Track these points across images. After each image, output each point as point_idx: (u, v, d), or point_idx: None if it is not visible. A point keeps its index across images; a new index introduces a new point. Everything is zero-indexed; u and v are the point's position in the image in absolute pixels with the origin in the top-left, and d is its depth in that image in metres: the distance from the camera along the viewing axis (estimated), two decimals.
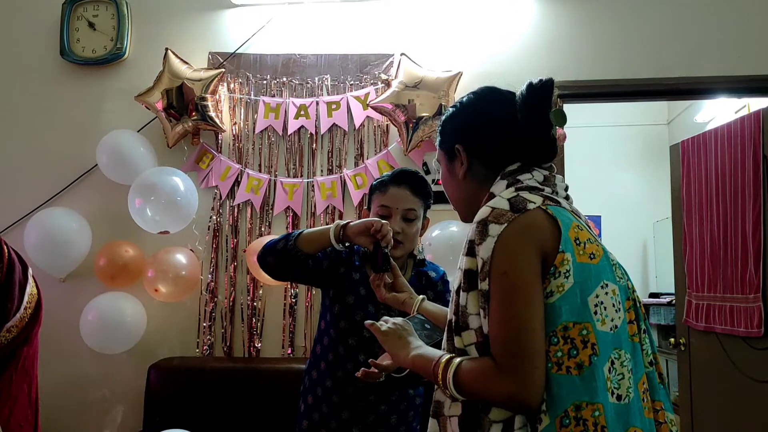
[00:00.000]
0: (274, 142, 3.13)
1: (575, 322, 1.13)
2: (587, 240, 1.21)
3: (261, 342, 3.04)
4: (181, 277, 2.91)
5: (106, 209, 3.11)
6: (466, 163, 1.35)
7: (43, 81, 3.25)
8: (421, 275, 2.09)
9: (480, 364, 1.14)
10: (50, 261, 2.93)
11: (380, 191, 2.01)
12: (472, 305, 1.17)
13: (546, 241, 1.16)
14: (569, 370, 1.11)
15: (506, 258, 1.14)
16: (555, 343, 1.12)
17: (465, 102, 1.41)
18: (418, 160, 3.03)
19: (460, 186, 1.38)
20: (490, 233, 1.16)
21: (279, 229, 3.08)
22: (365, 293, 2.00)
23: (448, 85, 2.92)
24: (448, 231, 2.79)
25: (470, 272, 1.18)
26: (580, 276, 1.16)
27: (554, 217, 1.19)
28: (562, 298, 1.14)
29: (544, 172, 1.30)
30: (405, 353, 1.35)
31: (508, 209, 1.18)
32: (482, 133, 1.34)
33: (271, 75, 3.16)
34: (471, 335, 1.18)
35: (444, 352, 1.24)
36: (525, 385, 1.09)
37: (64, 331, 3.02)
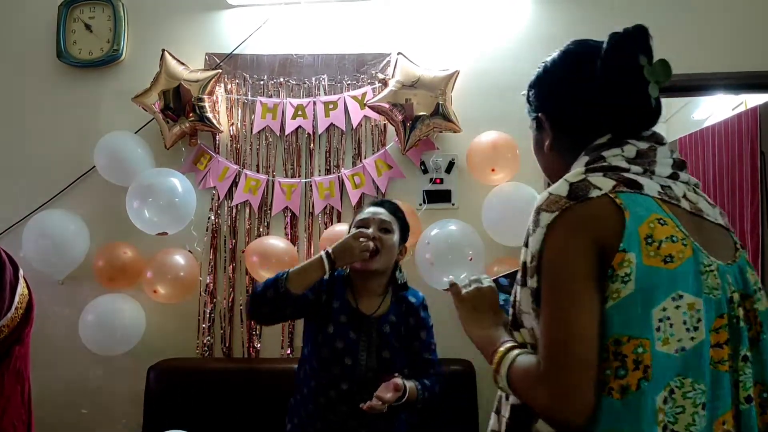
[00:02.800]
0: (272, 142, 3.13)
1: (630, 337, 0.95)
2: (668, 237, 1.00)
3: (260, 343, 3.04)
4: (180, 278, 2.91)
5: (104, 211, 3.11)
6: (551, 135, 1.19)
7: (40, 83, 3.25)
8: (401, 300, 2.13)
9: (528, 364, 1.02)
10: (49, 263, 2.92)
11: (358, 214, 2.15)
12: (524, 302, 1.06)
13: (605, 236, 0.98)
14: (611, 391, 0.95)
15: (554, 253, 0.99)
16: (604, 359, 0.96)
17: (549, 63, 1.21)
18: (415, 159, 3.03)
19: (548, 158, 1.22)
20: (540, 223, 1.01)
21: (277, 229, 3.08)
22: (346, 320, 2.03)
23: (445, 84, 2.92)
24: (447, 230, 2.78)
25: (524, 265, 1.06)
26: (644, 282, 0.96)
27: (622, 207, 0.99)
28: (615, 306, 0.96)
29: (640, 145, 1.09)
30: (473, 328, 1.22)
31: (564, 195, 1.02)
32: (563, 100, 1.16)
33: (268, 75, 3.16)
34: (526, 335, 1.07)
35: (507, 339, 1.12)
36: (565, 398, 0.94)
37: (63, 333, 3.02)
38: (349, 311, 2.04)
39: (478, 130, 2.92)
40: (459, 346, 2.90)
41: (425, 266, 2.78)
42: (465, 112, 2.97)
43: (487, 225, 2.84)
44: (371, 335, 2.02)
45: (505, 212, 2.79)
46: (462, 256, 2.73)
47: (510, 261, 2.82)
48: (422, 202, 3.01)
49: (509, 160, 2.84)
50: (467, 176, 2.99)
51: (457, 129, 2.92)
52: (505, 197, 2.82)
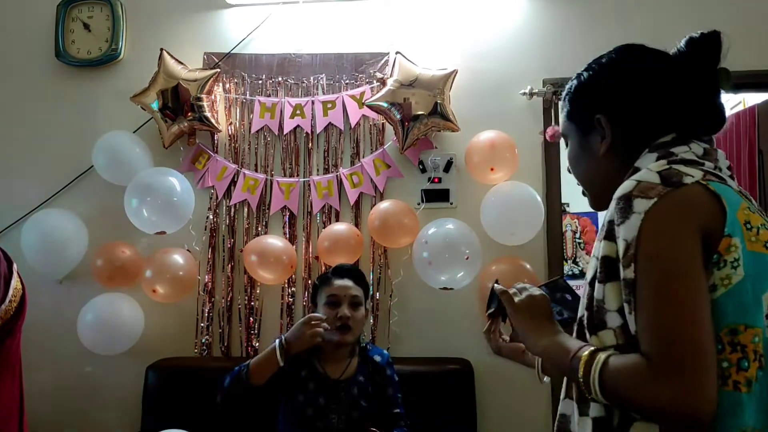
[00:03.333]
0: (270, 141, 3.13)
1: (747, 325, 0.93)
2: (761, 225, 1.00)
3: (259, 342, 3.04)
4: (179, 277, 2.91)
5: (102, 210, 3.11)
6: (610, 137, 1.14)
7: (38, 83, 3.25)
8: (367, 361, 2.27)
9: (632, 362, 0.94)
10: (47, 262, 2.92)
11: (326, 285, 2.25)
12: (611, 299, 0.99)
13: (708, 221, 0.95)
14: (737, 385, 0.91)
15: (658, 238, 0.94)
16: (719, 350, 0.92)
17: (605, 62, 1.18)
18: (414, 158, 3.03)
19: (597, 164, 1.16)
20: (635, 209, 0.96)
21: (276, 228, 3.08)
22: (314, 387, 2.17)
23: (444, 83, 2.92)
24: (444, 229, 2.78)
25: (608, 259, 0.99)
26: (752, 267, 0.95)
27: (717, 194, 0.97)
28: (728, 293, 0.93)
29: (704, 145, 1.08)
30: (536, 338, 1.15)
31: (658, 182, 0.98)
32: (631, 99, 1.12)
33: (266, 75, 3.16)
34: (610, 335, 0.99)
35: (584, 344, 1.04)
36: (693, 391, 0.87)
37: (61, 333, 3.02)
38: (316, 378, 2.17)
39: (477, 129, 2.92)
40: (457, 345, 2.91)
41: (422, 265, 2.78)
42: (463, 111, 2.97)
43: (486, 224, 2.84)
44: (340, 399, 2.15)
45: (504, 211, 2.79)
46: (459, 255, 2.73)
47: (508, 260, 2.82)
48: (420, 202, 3.01)
49: (507, 160, 2.85)
50: (465, 175, 2.99)
51: (456, 128, 2.92)
52: (504, 196, 2.82)
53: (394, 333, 2.97)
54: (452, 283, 2.76)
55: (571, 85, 1.24)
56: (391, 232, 2.86)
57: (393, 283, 2.99)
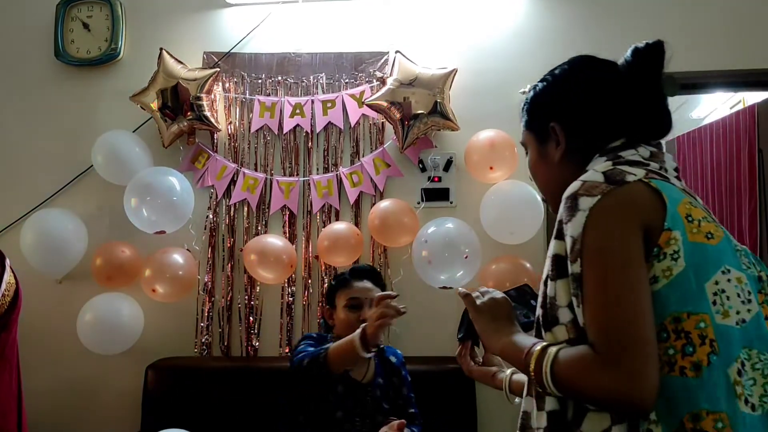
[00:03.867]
0: (270, 141, 3.13)
1: (690, 313, 0.97)
2: (702, 218, 1.04)
3: (259, 341, 3.04)
4: (178, 277, 2.91)
5: (102, 210, 3.11)
6: (564, 143, 1.19)
7: (37, 82, 3.25)
8: (384, 363, 2.26)
9: (579, 354, 0.98)
10: (47, 262, 2.92)
11: (345, 287, 2.21)
12: (562, 296, 1.03)
13: (648, 216, 1.00)
14: (683, 371, 0.95)
15: (601, 233, 0.99)
16: (664, 338, 0.97)
17: (558, 74, 1.25)
18: (413, 157, 3.03)
19: (554, 170, 1.22)
20: (580, 207, 1.01)
21: (276, 228, 3.08)
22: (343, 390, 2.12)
23: (443, 82, 2.92)
24: (444, 228, 2.78)
25: (558, 257, 1.04)
26: (693, 258, 0.99)
27: (659, 190, 1.03)
28: (669, 284, 0.98)
29: (651, 149, 1.14)
30: (496, 338, 1.20)
31: (602, 181, 1.03)
32: (582, 107, 1.18)
33: (266, 74, 3.16)
34: (562, 331, 1.03)
35: (537, 340, 1.09)
36: (634, 379, 0.92)
37: (61, 333, 3.02)
38: (345, 380, 2.13)
39: (476, 128, 2.92)
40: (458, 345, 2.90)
41: (422, 264, 2.78)
42: (463, 110, 2.97)
43: (485, 223, 2.84)
44: (366, 402, 2.13)
45: (503, 210, 2.79)
46: (459, 255, 2.73)
47: (507, 259, 2.82)
48: (420, 201, 3.01)
49: (507, 159, 2.84)
50: (465, 175, 2.99)
51: (455, 127, 2.92)
52: (503, 195, 2.82)
53: (394, 332, 2.97)
54: (452, 282, 2.76)
55: (527, 96, 1.30)
56: (390, 231, 2.86)
57: (393, 283, 2.99)
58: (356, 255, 2.94)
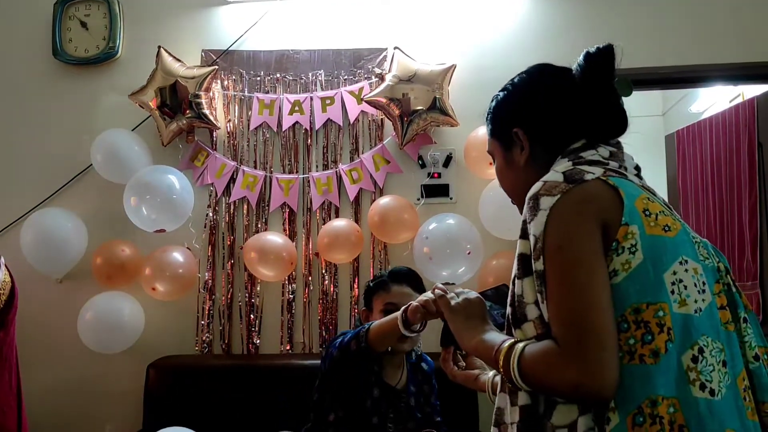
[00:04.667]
0: (269, 138, 3.12)
1: (649, 303, 1.00)
2: (660, 212, 1.09)
3: (259, 339, 3.04)
4: (179, 275, 2.91)
5: (101, 209, 3.10)
6: (528, 148, 1.23)
7: (36, 81, 3.24)
8: (417, 370, 2.19)
9: (543, 348, 1.02)
10: (47, 262, 2.92)
11: (383, 290, 2.11)
12: (528, 293, 1.07)
13: (606, 213, 1.05)
14: (643, 358, 0.99)
15: (561, 231, 1.03)
16: (625, 329, 1.00)
17: (517, 82, 1.29)
18: (413, 153, 3.03)
19: (520, 174, 1.26)
20: (541, 206, 1.05)
21: (276, 225, 3.08)
22: (378, 395, 2.04)
23: (442, 78, 2.91)
24: (445, 224, 2.78)
25: (523, 256, 1.08)
26: (651, 250, 1.03)
27: (616, 187, 1.07)
28: (629, 277, 1.01)
29: (610, 149, 1.18)
30: (469, 336, 1.23)
31: (562, 180, 1.07)
32: (543, 112, 1.23)
33: (264, 71, 3.15)
34: (530, 327, 1.07)
35: (507, 338, 1.13)
36: (594, 371, 0.96)
37: (62, 332, 3.01)
38: (380, 384, 2.07)
39: (476, 124, 2.91)
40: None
41: (423, 261, 2.78)
42: (462, 106, 2.96)
43: (485, 219, 2.84)
44: (400, 409, 2.08)
45: (503, 206, 2.77)
46: (460, 251, 2.73)
47: (509, 255, 2.82)
48: (420, 197, 3.01)
49: None
50: (465, 170, 2.99)
51: (455, 123, 2.92)
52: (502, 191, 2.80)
53: None
54: (454, 278, 2.76)
55: (490, 106, 1.34)
56: (391, 227, 2.86)
57: None
58: (356, 252, 2.93)
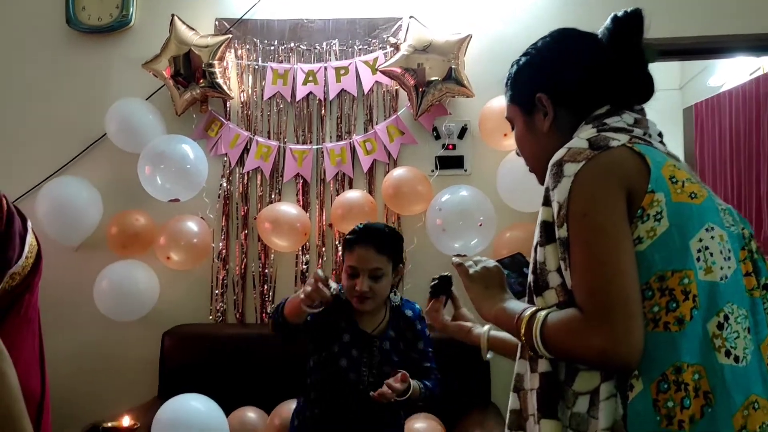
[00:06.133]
0: (283, 108, 3.11)
1: (674, 270, 1.00)
2: (686, 179, 1.08)
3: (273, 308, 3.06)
4: (193, 244, 2.92)
5: (116, 178, 3.11)
6: (551, 114, 1.22)
7: (49, 50, 3.23)
8: (398, 316, 2.19)
9: (567, 316, 1.02)
10: (63, 230, 2.94)
11: (349, 250, 2.11)
12: (551, 260, 1.06)
13: (632, 180, 1.03)
14: (668, 326, 0.98)
15: (585, 198, 1.02)
16: (650, 297, 1.00)
17: (541, 46, 1.27)
18: (428, 124, 3.00)
19: (542, 141, 1.24)
20: (565, 173, 1.04)
21: (289, 196, 3.08)
22: (349, 339, 2.10)
23: (458, 48, 2.87)
24: (459, 196, 2.77)
25: (546, 224, 1.07)
26: (676, 217, 1.02)
27: (642, 154, 1.06)
28: (654, 244, 1.01)
29: (635, 115, 1.17)
30: (488, 305, 1.23)
31: (586, 147, 1.06)
32: (567, 77, 1.21)
33: (278, 40, 3.12)
34: (552, 295, 1.07)
35: (528, 306, 1.13)
36: (620, 337, 0.95)
37: (78, 300, 3.04)
38: (352, 330, 2.12)
39: (491, 94, 2.88)
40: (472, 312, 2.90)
41: (436, 232, 2.78)
42: (478, 76, 2.93)
43: (503, 191, 2.82)
44: (373, 353, 2.11)
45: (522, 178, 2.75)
46: (473, 222, 2.72)
47: (523, 226, 2.80)
48: (434, 168, 3.00)
49: None
50: (480, 142, 2.97)
51: (470, 94, 2.89)
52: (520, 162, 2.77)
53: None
54: (466, 250, 2.75)
55: (510, 71, 1.32)
56: (404, 199, 2.85)
57: (406, 251, 2.98)
58: None
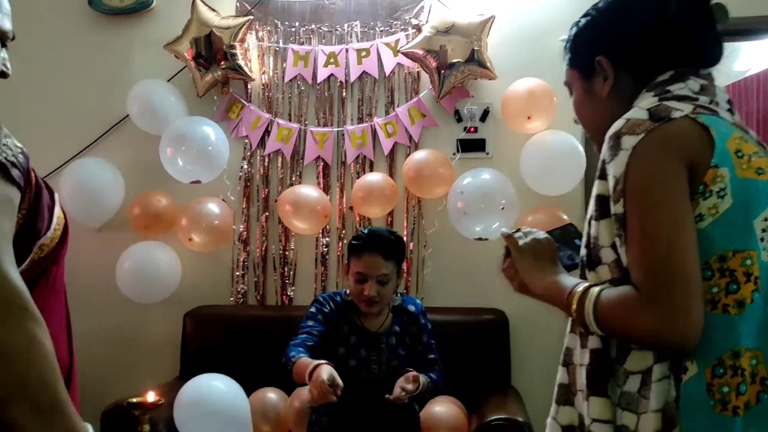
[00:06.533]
0: (304, 91, 3.10)
1: (736, 250, 0.96)
2: (753, 153, 1.02)
3: (293, 290, 3.07)
4: (214, 226, 2.93)
5: (138, 159, 3.12)
6: (612, 78, 1.16)
7: (72, 32, 3.23)
8: (401, 312, 2.28)
9: (622, 294, 0.98)
10: (85, 211, 2.95)
11: (356, 256, 2.17)
12: (604, 236, 1.03)
13: (694, 154, 0.98)
14: (727, 308, 0.95)
15: (644, 172, 0.97)
16: (708, 277, 0.96)
17: (602, 6, 1.21)
18: (449, 107, 2.98)
19: (601, 107, 1.19)
20: (623, 146, 0.99)
21: (310, 178, 3.07)
22: (355, 341, 2.20)
23: (481, 29, 2.84)
24: (480, 179, 2.75)
25: (601, 198, 1.03)
26: (741, 194, 0.97)
27: (706, 126, 1.00)
28: (715, 222, 0.96)
29: (701, 81, 1.09)
30: (538, 278, 1.19)
31: (646, 118, 1.01)
32: (628, 38, 1.15)
33: (299, 22, 3.10)
34: (605, 271, 1.03)
35: (580, 281, 1.09)
36: (677, 318, 0.92)
37: (100, 281, 3.06)
38: (357, 331, 2.21)
39: (514, 77, 2.85)
40: (492, 296, 2.90)
41: (457, 215, 2.76)
42: (500, 58, 2.89)
43: (526, 174, 2.80)
44: (381, 349, 2.20)
45: (545, 161, 2.74)
46: (495, 206, 2.71)
47: (545, 210, 2.78)
48: (456, 152, 2.97)
49: (546, 108, 2.78)
50: (502, 125, 2.94)
51: (493, 76, 2.86)
52: (545, 146, 2.76)
53: (428, 283, 2.97)
54: (487, 234, 2.74)
55: (570, 33, 1.27)
56: (425, 182, 2.84)
57: (427, 234, 2.98)
58: (390, 206, 2.93)
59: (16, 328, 0.91)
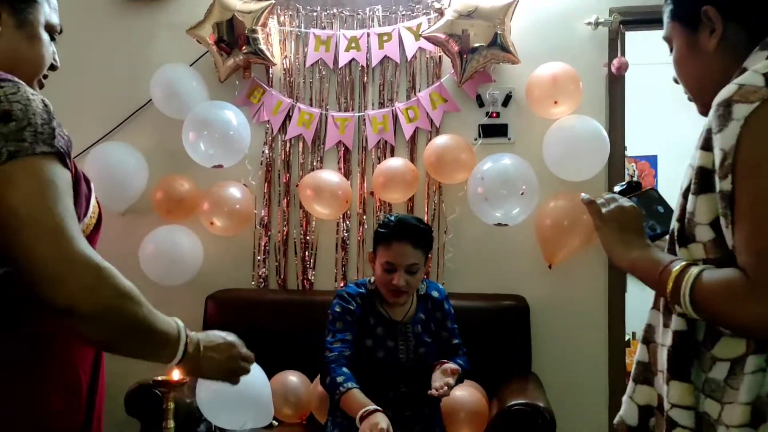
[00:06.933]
0: (325, 75, 3.09)
1: None
2: None
3: (314, 275, 3.08)
4: (236, 210, 2.95)
5: (161, 144, 3.14)
6: (720, 30, 1.03)
7: (95, 17, 3.25)
8: (425, 298, 2.29)
9: (728, 277, 0.91)
10: (110, 195, 2.97)
11: (384, 245, 2.14)
12: (701, 212, 0.95)
13: None
14: None
15: (758, 146, 0.88)
16: None
17: None
18: (471, 92, 2.96)
19: (707, 62, 1.07)
20: (734, 116, 0.89)
21: (331, 163, 3.07)
22: (382, 332, 2.21)
23: (504, 13, 2.81)
24: (501, 164, 2.73)
25: (703, 170, 0.95)
26: None
27: None
28: None
29: None
30: (624, 251, 1.10)
31: (762, 85, 0.89)
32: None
33: (320, 6, 3.09)
34: (698, 249, 0.96)
35: (675, 258, 1.01)
36: None
37: (125, 264, 3.01)
38: (383, 322, 2.22)
39: (538, 61, 2.82)
40: (512, 282, 2.90)
41: (478, 201, 2.75)
42: (524, 43, 2.87)
43: (549, 159, 2.78)
44: (407, 338, 2.21)
45: (569, 146, 2.72)
46: (515, 191, 2.69)
47: (567, 195, 2.76)
48: (477, 137, 2.96)
49: (571, 93, 2.75)
50: (525, 110, 2.91)
51: (516, 60, 2.83)
52: (569, 131, 2.73)
53: (448, 269, 2.97)
54: (507, 219, 2.73)
55: None
56: (446, 167, 2.83)
57: (448, 219, 2.98)
58: (411, 191, 2.92)
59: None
